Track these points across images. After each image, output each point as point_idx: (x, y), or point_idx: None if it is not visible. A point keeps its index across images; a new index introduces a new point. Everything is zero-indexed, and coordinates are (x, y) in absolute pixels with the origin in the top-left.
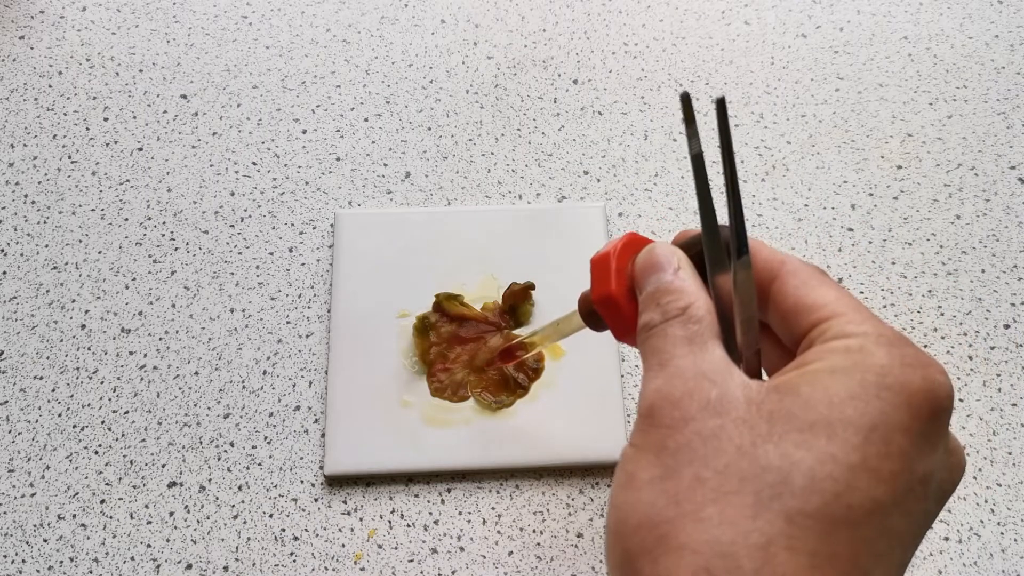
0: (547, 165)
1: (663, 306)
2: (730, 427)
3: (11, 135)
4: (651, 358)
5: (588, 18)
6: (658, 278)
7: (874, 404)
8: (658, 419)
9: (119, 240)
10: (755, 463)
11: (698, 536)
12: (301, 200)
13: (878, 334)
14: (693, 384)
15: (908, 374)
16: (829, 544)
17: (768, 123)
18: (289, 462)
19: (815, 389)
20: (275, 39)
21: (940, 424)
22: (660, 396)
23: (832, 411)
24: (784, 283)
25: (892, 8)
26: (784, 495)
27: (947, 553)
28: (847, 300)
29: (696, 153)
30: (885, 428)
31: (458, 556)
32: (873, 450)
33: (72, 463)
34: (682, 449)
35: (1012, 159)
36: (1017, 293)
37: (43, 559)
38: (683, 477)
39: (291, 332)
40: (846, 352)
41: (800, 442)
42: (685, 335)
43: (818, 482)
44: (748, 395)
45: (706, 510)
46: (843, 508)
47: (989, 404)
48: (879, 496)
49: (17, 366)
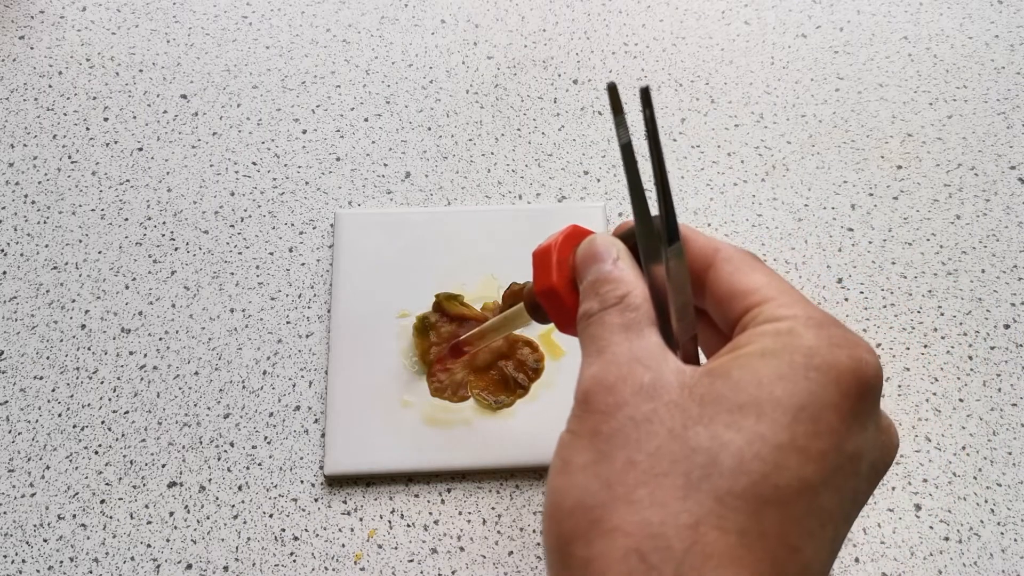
0: (547, 165)
1: (602, 295)
2: (662, 411)
3: (11, 135)
4: (589, 345)
5: (588, 18)
6: (597, 268)
7: (802, 384)
8: (593, 405)
9: (119, 240)
10: (685, 445)
11: (629, 518)
12: (301, 200)
13: (807, 316)
14: (627, 369)
15: (836, 354)
16: (758, 523)
17: (768, 123)
18: (289, 462)
19: (745, 372)
20: (275, 39)
21: (869, 402)
22: (595, 382)
23: (761, 392)
24: (718, 270)
25: (892, 8)
26: (713, 476)
27: (947, 553)
28: (778, 284)
29: (625, 143)
30: (813, 407)
31: (458, 556)
32: (801, 429)
33: (72, 463)
34: (615, 434)
35: (1012, 159)
36: (1017, 293)
37: (43, 559)
38: (616, 461)
39: (291, 332)
40: (775, 335)
41: (729, 423)
42: (622, 323)
43: (747, 462)
44: (681, 379)
45: (637, 493)
46: (771, 487)
47: (989, 404)
48: (808, 475)
49: (17, 366)
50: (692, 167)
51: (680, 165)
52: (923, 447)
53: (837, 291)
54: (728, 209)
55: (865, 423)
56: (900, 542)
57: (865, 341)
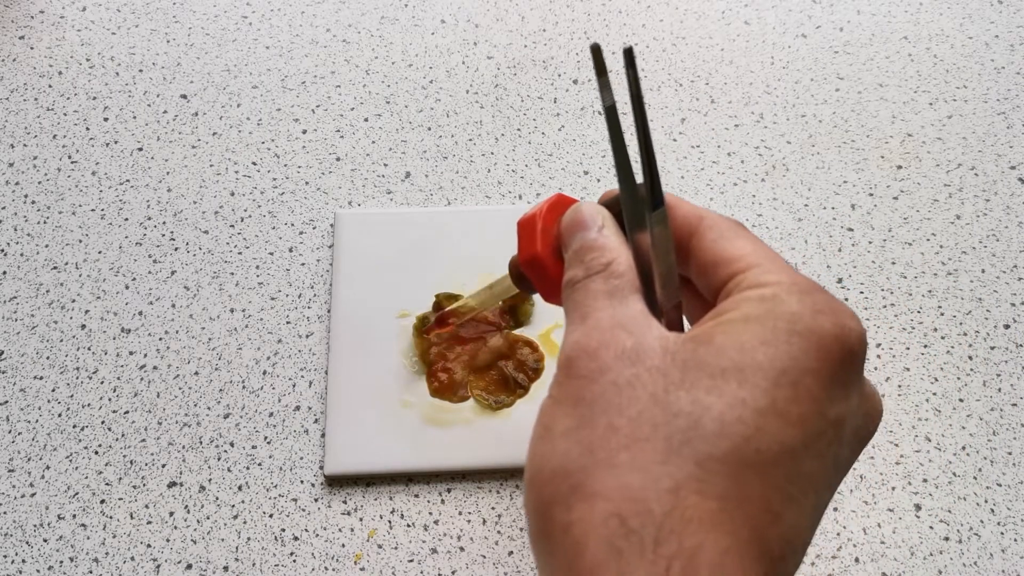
0: (547, 165)
1: (586, 263)
2: (644, 376)
3: (11, 135)
4: (572, 312)
5: (588, 18)
6: (582, 236)
7: (783, 349)
8: (575, 370)
9: (119, 240)
10: (667, 410)
11: (610, 483)
12: (301, 200)
13: (791, 283)
14: (610, 335)
15: (819, 320)
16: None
17: (768, 123)
18: (289, 462)
19: (727, 337)
20: (275, 39)
21: (851, 369)
22: (577, 348)
23: (743, 357)
24: (702, 237)
25: (892, 8)
26: (694, 440)
27: (947, 553)
28: (763, 251)
29: (609, 105)
30: (795, 372)
31: (458, 556)
32: (782, 394)
33: (72, 463)
34: (597, 399)
35: (1012, 159)
36: (1017, 293)
37: (43, 559)
38: (597, 426)
39: (291, 332)
40: (759, 301)
41: (711, 388)
42: (606, 289)
43: (727, 426)
44: (664, 345)
45: (618, 457)
46: (752, 452)
47: (989, 404)
48: (789, 439)
49: (17, 366)
50: (692, 167)
51: (680, 165)
52: (923, 447)
53: (837, 291)
54: (728, 209)
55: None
56: (900, 542)
57: (849, 308)
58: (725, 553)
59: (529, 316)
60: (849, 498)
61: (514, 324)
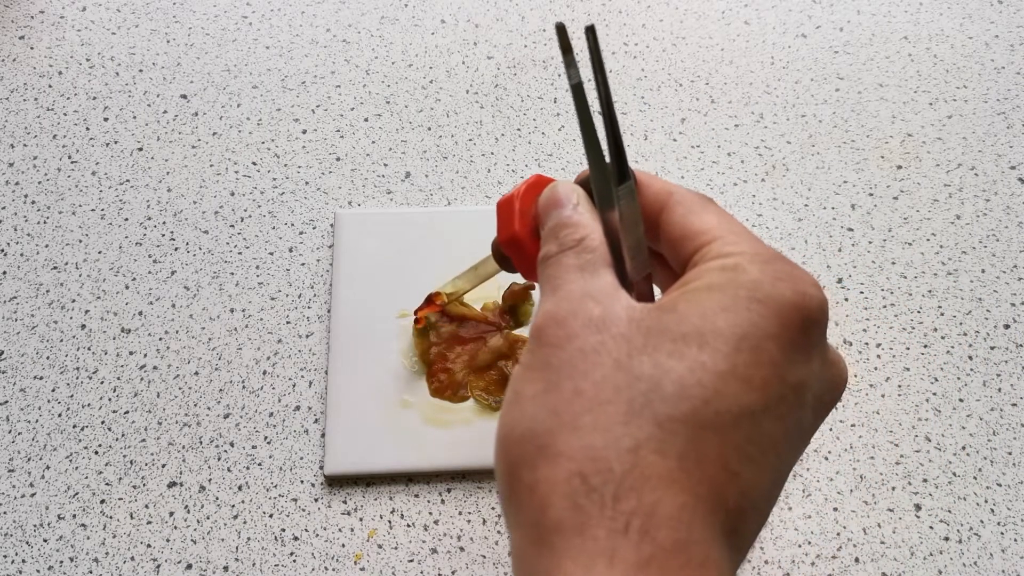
0: (547, 165)
1: (560, 239)
2: (609, 342)
3: (11, 135)
4: (545, 285)
5: (588, 18)
6: (558, 213)
7: (744, 315)
8: (544, 338)
9: (119, 240)
10: (629, 373)
11: (573, 443)
12: (301, 200)
13: (753, 253)
14: (579, 304)
15: (779, 287)
16: (697, 447)
17: (768, 123)
18: (289, 462)
19: (690, 305)
20: (275, 39)
21: (812, 335)
22: (548, 317)
23: (704, 323)
24: (671, 212)
25: (892, 8)
26: (655, 402)
27: (947, 553)
28: (728, 224)
29: (575, 83)
30: (755, 337)
31: (458, 556)
32: (742, 358)
33: (72, 463)
34: (564, 365)
35: (1012, 159)
36: (1017, 293)
37: (43, 559)
38: (563, 390)
39: (291, 332)
40: (721, 270)
41: (672, 352)
42: (577, 263)
43: (687, 388)
44: (630, 314)
45: (582, 419)
46: (711, 413)
47: (989, 404)
48: (748, 402)
49: (17, 366)
50: (692, 167)
51: (680, 165)
52: (923, 447)
53: (837, 291)
54: (728, 209)
55: (809, 355)
56: (900, 542)
57: (811, 276)
58: (682, 508)
59: (529, 316)
60: (849, 498)
61: (514, 324)
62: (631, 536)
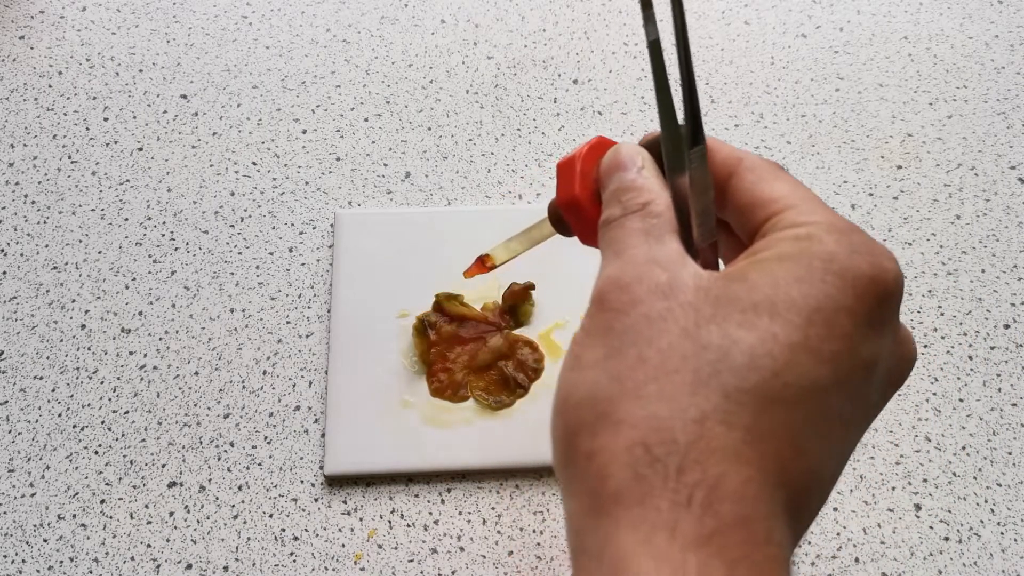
0: (547, 165)
1: (624, 202)
2: (676, 310)
3: (11, 135)
4: (608, 249)
5: (588, 18)
6: (620, 176)
7: (818, 287)
8: (607, 303)
9: (119, 240)
10: (697, 342)
11: (636, 412)
12: (301, 200)
13: (829, 223)
14: (644, 270)
15: (855, 260)
16: (765, 420)
17: (768, 123)
18: (289, 462)
19: (762, 274)
20: (275, 39)
21: (886, 310)
22: (611, 281)
23: (776, 293)
24: (741, 178)
25: (892, 8)
26: (723, 372)
27: (947, 553)
28: (801, 192)
29: (653, 39)
30: (829, 310)
31: (458, 556)
32: (815, 331)
33: (72, 463)
34: (628, 330)
35: (1012, 159)
36: (1017, 293)
37: (43, 559)
38: (627, 357)
39: (291, 332)
40: (795, 240)
41: (742, 322)
42: (642, 228)
43: (756, 359)
44: (698, 282)
45: (646, 388)
46: (780, 385)
47: (989, 404)
48: (819, 376)
49: (17, 366)
50: None
51: None
52: (923, 447)
53: None
54: None
55: (882, 331)
56: (900, 542)
57: (887, 249)
58: (747, 483)
59: (529, 316)
60: (849, 498)
61: (514, 324)
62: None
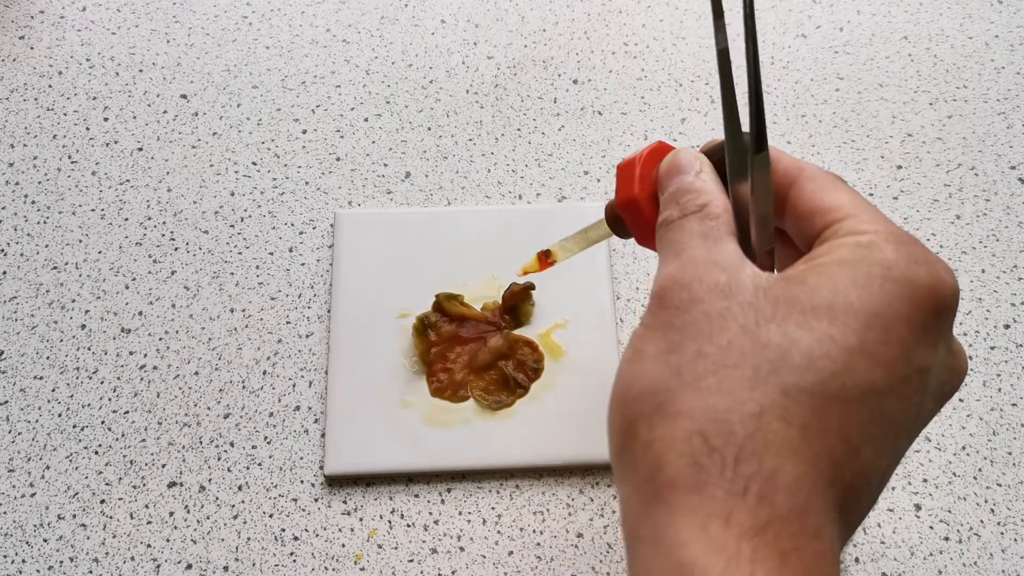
0: (547, 165)
1: (682, 204)
2: (736, 308)
3: (11, 135)
4: (666, 249)
5: (588, 18)
6: (680, 179)
7: (877, 293)
8: (668, 301)
9: (119, 240)
10: (756, 341)
11: (695, 404)
12: (301, 200)
13: (888, 232)
14: (704, 270)
15: (914, 270)
16: (821, 419)
17: (768, 123)
18: (289, 462)
19: (821, 278)
20: (275, 39)
21: (942, 320)
22: (671, 280)
23: (835, 296)
24: (801, 188)
25: (892, 8)
26: (782, 370)
27: (947, 553)
28: (861, 203)
29: (722, 48)
30: (886, 316)
31: (458, 556)
32: (872, 336)
33: (72, 463)
34: (688, 326)
35: (1012, 159)
36: (1017, 293)
37: (43, 559)
38: (687, 351)
39: (291, 332)
40: (855, 247)
41: (801, 323)
42: (701, 230)
43: (815, 360)
44: (756, 283)
45: (706, 381)
46: (838, 387)
47: (989, 404)
48: (875, 380)
49: (17, 366)
50: None
51: None
52: (923, 447)
53: None
54: None
55: (936, 340)
56: (900, 542)
57: (945, 263)
58: (801, 478)
59: (529, 316)
60: None
61: (514, 324)
62: (749, 499)
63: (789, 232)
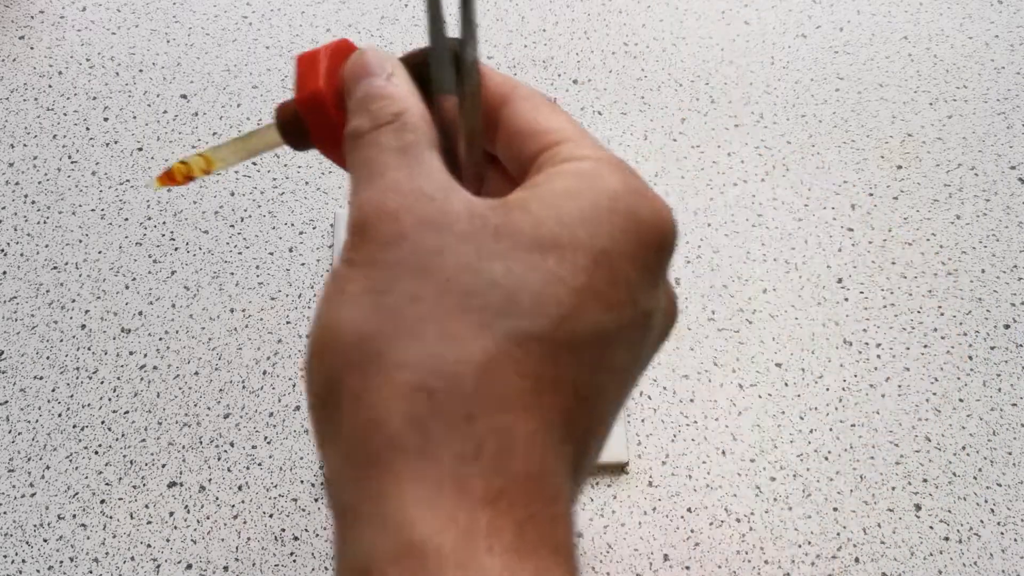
0: None
1: (372, 112)
2: (452, 242)
3: (11, 135)
4: (360, 169)
5: (588, 18)
6: (368, 82)
7: (605, 228)
8: (371, 234)
9: (119, 240)
10: (480, 279)
11: (415, 353)
12: (301, 200)
13: (608, 160)
14: (409, 198)
15: (638, 201)
16: (553, 368)
17: (768, 123)
18: (289, 462)
19: (546, 208)
20: (275, 39)
21: (663, 259)
22: (372, 208)
23: (563, 231)
24: (515, 107)
25: (892, 8)
26: (512, 315)
27: (947, 553)
28: (578, 127)
29: None
30: (614, 254)
31: None
32: (600, 275)
33: (72, 463)
34: (398, 264)
35: (1012, 159)
36: (1017, 293)
37: (43, 559)
38: (400, 293)
39: (291, 332)
40: (578, 175)
41: (528, 261)
42: (398, 145)
43: (544, 304)
44: (472, 209)
45: (424, 327)
46: (568, 333)
47: (989, 404)
48: (605, 325)
49: (17, 366)
50: (692, 167)
51: (680, 165)
52: (923, 447)
53: (837, 291)
54: (728, 209)
55: (656, 281)
56: (900, 542)
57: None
58: (534, 434)
59: None
60: (849, 498)
61: None
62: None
63: (501, 157)
